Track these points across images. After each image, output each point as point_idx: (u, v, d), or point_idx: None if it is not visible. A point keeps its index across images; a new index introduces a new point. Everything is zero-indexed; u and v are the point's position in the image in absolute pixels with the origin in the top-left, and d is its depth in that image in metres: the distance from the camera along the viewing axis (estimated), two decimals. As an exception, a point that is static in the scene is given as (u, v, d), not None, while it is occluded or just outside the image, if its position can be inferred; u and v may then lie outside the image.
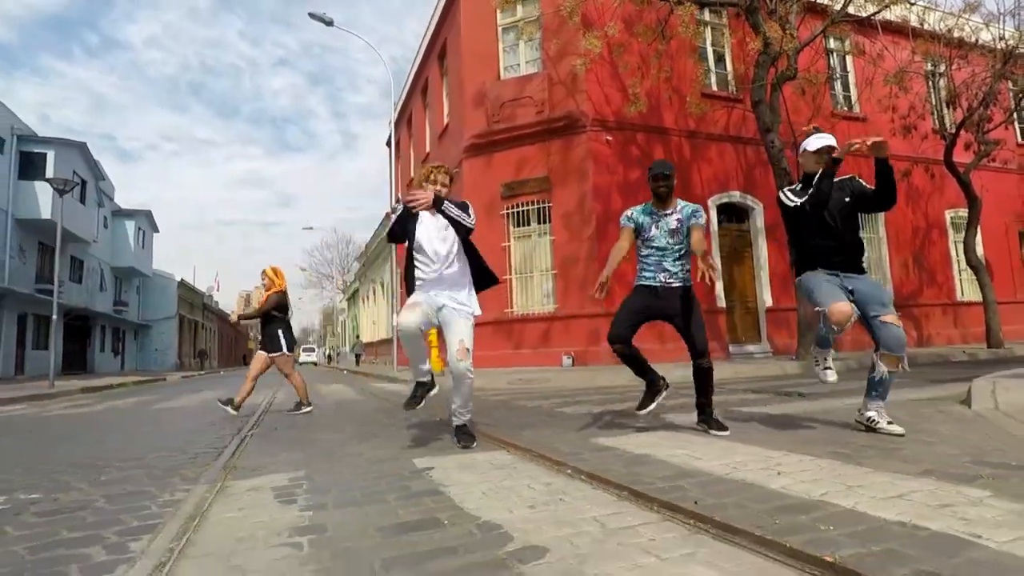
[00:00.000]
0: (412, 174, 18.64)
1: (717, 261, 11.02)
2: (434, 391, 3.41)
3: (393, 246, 17.97)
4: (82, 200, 20.63)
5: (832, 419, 3.67)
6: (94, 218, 22.44)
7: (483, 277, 3.42)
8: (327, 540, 1.71)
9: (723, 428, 3.24)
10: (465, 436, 3.31)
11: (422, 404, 3.32)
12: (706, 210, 12.53)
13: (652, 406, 3.43)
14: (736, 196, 13.03)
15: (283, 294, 5.80)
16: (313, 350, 49.86)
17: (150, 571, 1.51)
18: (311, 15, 14.46)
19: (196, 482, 2.59)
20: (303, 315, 79.52)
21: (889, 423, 3.00)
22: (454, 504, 2.02)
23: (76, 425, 5.56)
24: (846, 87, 15.33)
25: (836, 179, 3.17)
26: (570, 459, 2.71)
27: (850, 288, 3.04)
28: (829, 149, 3.08)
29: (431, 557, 1.53)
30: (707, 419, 3.33)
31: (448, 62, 14.62)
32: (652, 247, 3.40)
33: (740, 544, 1.51)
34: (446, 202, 3.18)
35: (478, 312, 3.32)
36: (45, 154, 18.00)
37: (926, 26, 12.24)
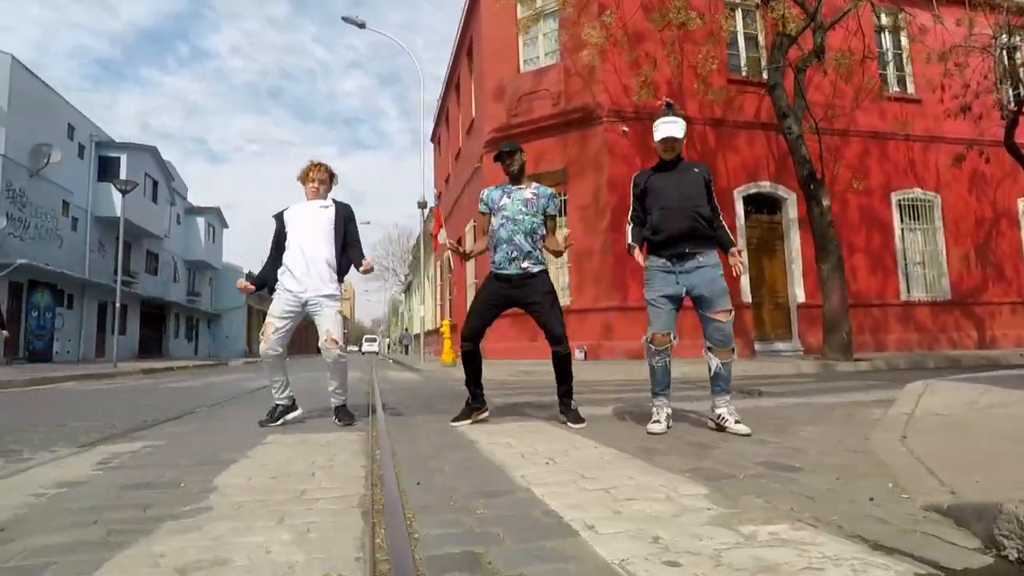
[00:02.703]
0: (449, 169, 19.01)
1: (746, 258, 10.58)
2: (295, 413, 3.67)
3: (428, 238, 18.47)
4: (154, 199, 22.58)
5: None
6: (166, 215, 24.46)
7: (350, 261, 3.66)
8: (68, 494, 1.93)
9: (579, 420, 3.23)
10: (345, 415, 3.56)
11: (279, 422, 3.54)
12: (731, 202, 12.05)
13: (467, 422, 3.36)
14: (766, 186, 12.43)
15: None
16: (375, 340, 52.07)
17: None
18: (344, 19, 15.04)
19: (76, 445, 2.91)
20: (371, 306, 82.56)
21: (736, 422, 2.90)
22: (216, 472, 2.18)
23: (73, 397, 6.19)
24: (900, 67, 14.22)
25: (687, 163, 3.12)
26: (402, 440, 2.84)
27: (684, 285, 2.96)
28: (670, 143, 3.00)
29: (134, 507, 1.70)
30: (565, 410, 3.32)
31: (474, 58, 14.80)
32: (504, 217, 3.36)
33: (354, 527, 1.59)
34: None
35: (339, 296, 3.56)
36: (119, 158, 19.90)
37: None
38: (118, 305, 13.45)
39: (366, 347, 49.54)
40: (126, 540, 1.44)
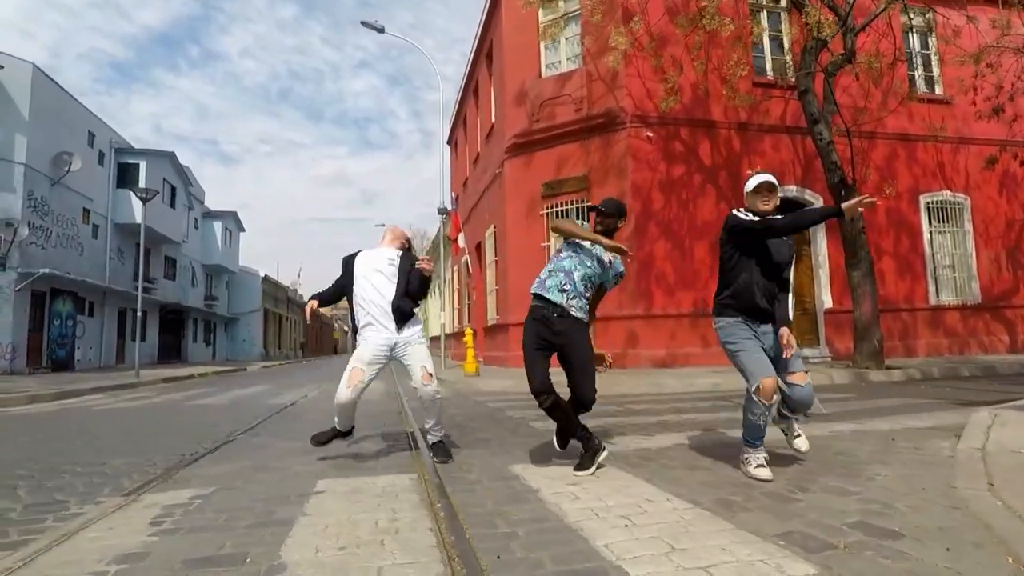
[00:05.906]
0: (467, 173, 18.90)
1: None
2: (348, 440, 3.73)
3: (447, 241, 18.37)
4: (172, 204, 22.71)
5: (780, 450, 3.35)
6: (184, 220, 24.61)
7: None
8: (131, 569, 1.84)
9: (584, 468, 2.95)
10: (441, 452, 3.46)
11: (328, 444, 3.67)
12: (757, 206, 11.83)
13: (592, 469, 2.95)
14: (792, 191, 12.21)
15: None
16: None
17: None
18: (363, 23, 14.98)
19: (120, 493, 2.84)
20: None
21: (797, 436, 2.95)
22: (278, 539, 2.09)
23: (103, 421, 6.16)
24: (929, 68, 13.91)
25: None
26: (459, 489, 2.73)
27: (764, 345, 2.85)
28: (768, 186, 2.88)
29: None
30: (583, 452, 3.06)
31: (494, 62, 14.68)
32: (573, 252, 3.10)
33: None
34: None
35: (424, 338, 3.55)
36: (138, 164, 20.05)
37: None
38: (139, 312, 13.51)
39: None
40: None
